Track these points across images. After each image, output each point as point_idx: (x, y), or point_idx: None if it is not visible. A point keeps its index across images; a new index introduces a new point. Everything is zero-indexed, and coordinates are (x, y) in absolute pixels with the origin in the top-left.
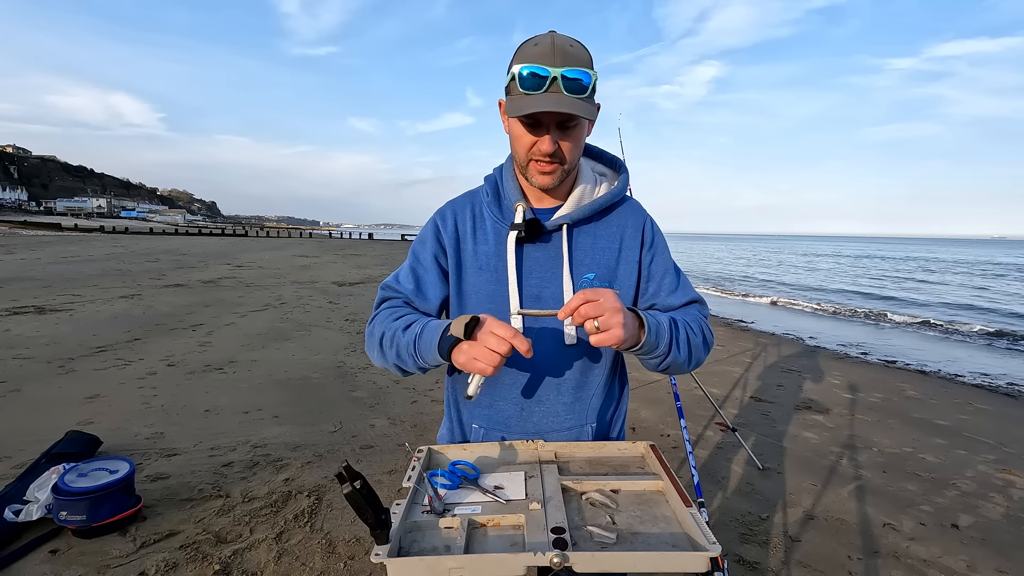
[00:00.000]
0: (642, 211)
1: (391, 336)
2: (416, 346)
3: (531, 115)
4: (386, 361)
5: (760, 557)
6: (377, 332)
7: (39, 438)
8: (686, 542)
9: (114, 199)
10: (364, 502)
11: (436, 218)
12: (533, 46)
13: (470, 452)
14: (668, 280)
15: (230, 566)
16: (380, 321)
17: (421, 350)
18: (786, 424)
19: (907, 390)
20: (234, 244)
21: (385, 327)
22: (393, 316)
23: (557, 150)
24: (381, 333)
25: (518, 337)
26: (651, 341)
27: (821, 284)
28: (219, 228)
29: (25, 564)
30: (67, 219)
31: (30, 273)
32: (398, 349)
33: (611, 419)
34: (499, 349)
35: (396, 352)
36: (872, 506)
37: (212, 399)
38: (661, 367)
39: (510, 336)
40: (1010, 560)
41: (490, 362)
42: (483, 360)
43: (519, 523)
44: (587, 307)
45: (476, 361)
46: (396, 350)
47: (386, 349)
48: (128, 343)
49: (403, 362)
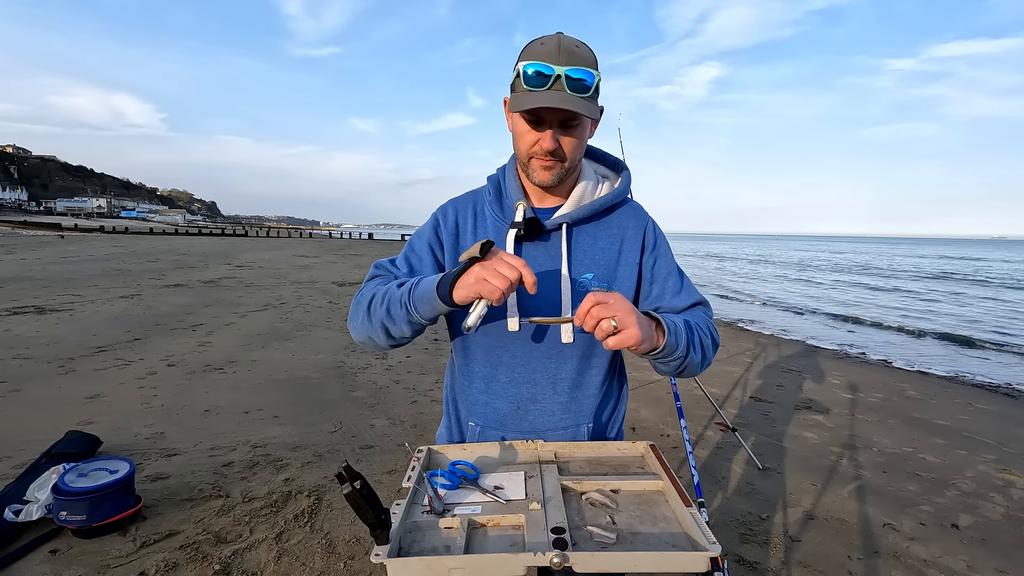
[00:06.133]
0: (644, 214)
1: (383, 294)
2: (411, 294)
3: (534, 112)
4: (370, 323)
5: (760, 557)
6: (366, 296)
7: (39, 438)
8: (686, 542)
9: (114, 199)
10: (364, 502)
11: (437, 214)
12: (540, 45)
13: (470, 452)
14: (672, 282)
15: (230, 566)
16: (370, 287)
17: (416, 299)
18: (786, 424)
19: (907, 390)
20: (234, 244)
21: (376, 289)
22: (385, 282)
23: (558, 148)
24: (371, 295)
25: (527, 268)
26: (671, 343)
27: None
28: (219, 228)
29: (25, 564)
30: (67, 219)
31: (30, 273)
32: (389, 304)
33: (609, 420)
34: (510, 275)
35: (386, 308)
36: (872, 506)
37: (212, 399)
38: (678, 370)
39: (521, 265)
40: (1010, 560)
41: (500, 284)
42: (493, 281)
43: (519, 523)
44: (599, 308)
45: (485, 282)
46: (387, 306)
47: (375, 308)
48: (128, 343)
49: (392, 319)
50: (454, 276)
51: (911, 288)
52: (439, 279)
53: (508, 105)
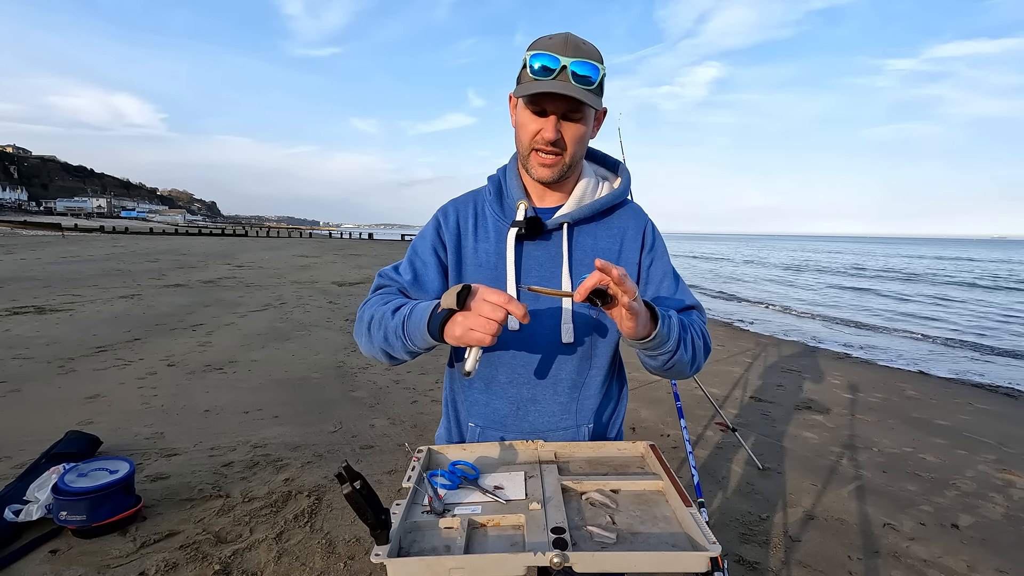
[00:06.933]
0: (643, 215)
1: (379, 319)
2: (405, 328)
3: (538, 101)
4: (373, 346)
5: (760, 557)
6: (367, 315)
7: (39, 438)
8: (686, 542)
9: (114, 199)
10: (364, 502)
11: (439, 215)
12: (548, 39)
13: (470, 452)
14: (667, 284)
15: (230, 566)
16: (371, 305)
17: (410, 332)
18: (786, 424)
19: (907, 390)
20: (234, 244)
21: (375, 310)
22: (383, 300)
23: (560, 139)
24: (370, 316)
25: (512, 302)
26: (663, 333)
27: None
28: (219, 228)
29: (25, 564)
30: (67, 219)
31: (30, 273)
32: (385, 332)
33: (609, 421)
34: (494, 316)
35: (384, 336)
36: (872, 506)
37: (212, 399)
38: (666, 366)
39: (504, 302)
40: (1010, 560)
41: (487, 331)
42: (480, 329)
43: (519, 523)
44: (611, 268)
45: (472, 332)
46: (384, 333)
47: (374, 332)
48: (128, 343)
49: (391, 347)
50: (441, 321)
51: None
52: (429, 315)
53: (513, 95)
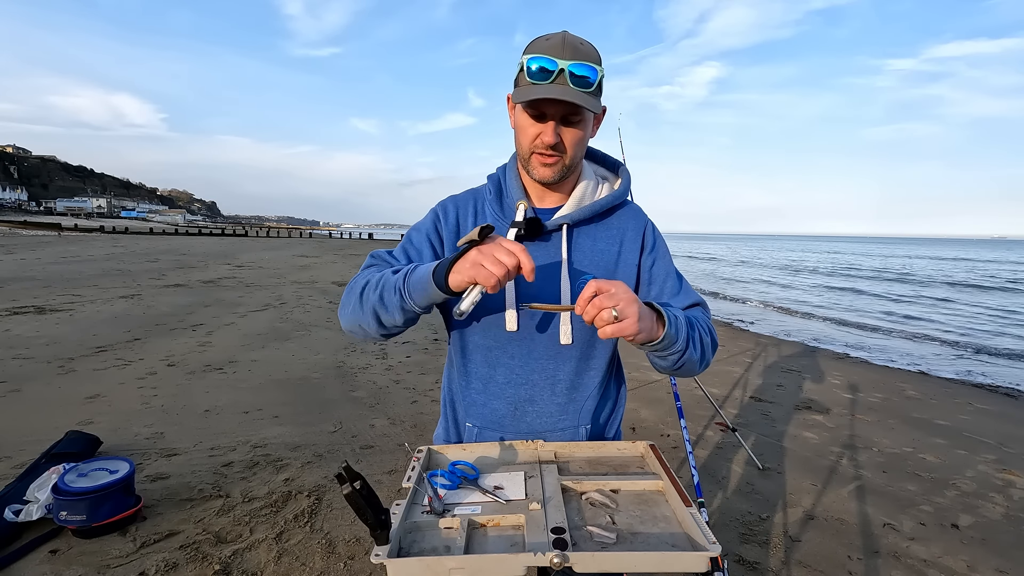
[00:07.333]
0: (643, 215)
1: (376, 281)
2: (407, 281)
3: (536, 105)
4: (361, 310)
5: (760, 557)
6: (359, 283)
7: (39, 438)
8: (686, 542)
9: (114, 199)
10: (364, 502)
11: (437, 209)
12: (544, 41)
13: (470, 452)
14: (670, 284)
15: (230, 566)
16: (365, 275)
17: (411, 284)
18: (786, 424)
19: (907, 390)
20: (234, 244)
21: (370, 276)
22: (380, 270)
23: (559, 142)
24: (365, 281)
25: (526, 254)
26: (671, 335)
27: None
28: (219, 228)
29: (25, 564)
30: (67, 219)
31: (30, 273)
32: (382, 290)
33: (607, 421)
34: (507, 260)
35: (379, 294)
36: (872, 506)
37: (212, 399)
38: (676, 366)
39: (519, 251)
40: (1010, 560)
41: (496, 270)
42: (489, 267)
43: (519, 523)
44: (601, 298)
45: (481, 267)
46: (380, 292)
47: (367, 294)
48: (128, 343)
49: (384, 305)
50: (451, 261)
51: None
52: (436, 264)
53: (511, 98)
